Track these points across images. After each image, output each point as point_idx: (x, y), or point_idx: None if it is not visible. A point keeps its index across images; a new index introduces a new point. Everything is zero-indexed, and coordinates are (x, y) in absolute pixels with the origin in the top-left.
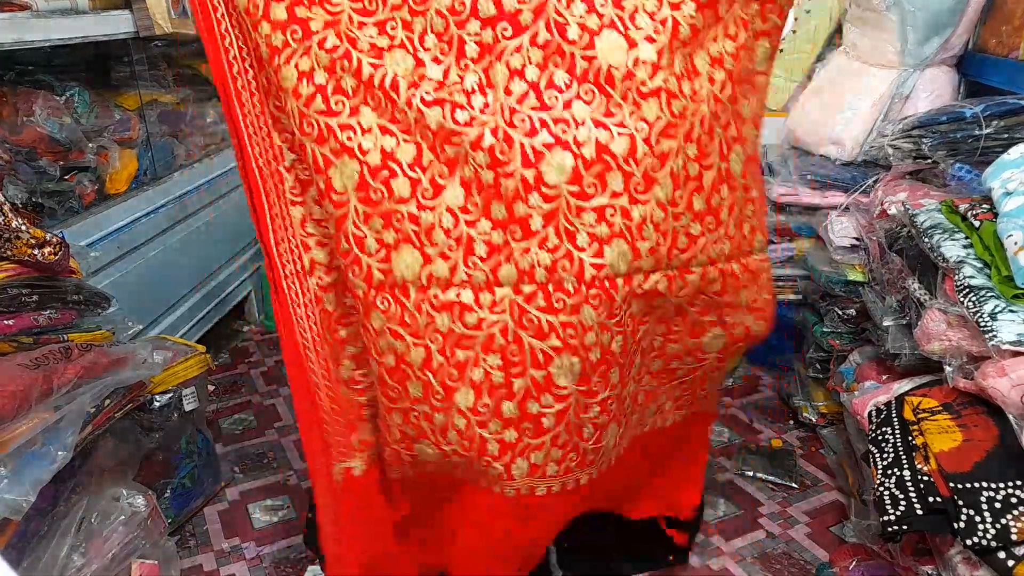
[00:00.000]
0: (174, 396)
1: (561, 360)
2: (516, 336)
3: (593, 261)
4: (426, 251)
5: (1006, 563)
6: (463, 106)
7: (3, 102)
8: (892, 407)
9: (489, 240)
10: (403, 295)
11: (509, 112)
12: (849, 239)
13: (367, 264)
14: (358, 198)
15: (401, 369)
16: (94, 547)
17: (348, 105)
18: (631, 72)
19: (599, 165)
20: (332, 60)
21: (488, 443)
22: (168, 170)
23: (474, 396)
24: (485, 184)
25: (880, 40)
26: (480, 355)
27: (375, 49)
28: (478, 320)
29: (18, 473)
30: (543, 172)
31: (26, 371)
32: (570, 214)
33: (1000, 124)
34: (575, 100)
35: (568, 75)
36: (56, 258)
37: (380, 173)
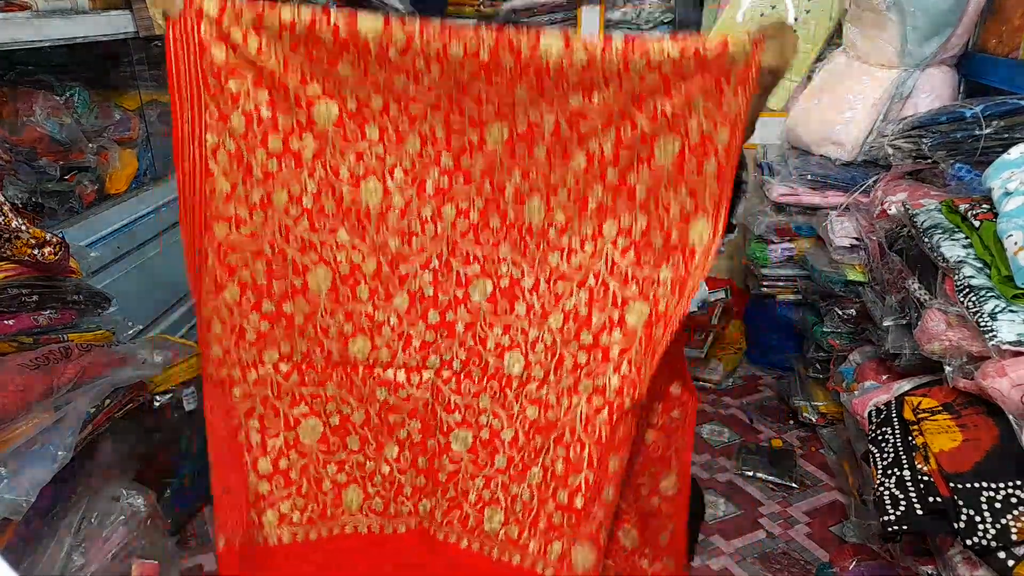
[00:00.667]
0: (174, 396)
1: (458, 432)
2: (432, 409)
3: (495, 362)
4: (375, 341)
5: (1006, 563)
6: (417, 234)
7: (3, 102)
8: (892, 407)
9: (423, 338)
10: (354, 371)
11: (452, 245)
12: (849, 239)
13: (328, 347)
14: (327, 297)
15: (345, 427)
16: (94, 547)
17: (327, 226)
18: (544, 231)
19: (511, 294)
20: (319, 187)
21: (404, 487)
22: (168, 170)
23: (398, 450)
24: (427, 297)
25: (880, 40)
26: (407, 420)
27: (354, 177)
28: (408, 395)
29: (18, 473)
30: (470, 293)
31: (26, 371)
32: (484, 325)
33: (1000, 124)
34: (502, 242)
35: (500, 221)
36: (56, 258)
37: (348, 280)
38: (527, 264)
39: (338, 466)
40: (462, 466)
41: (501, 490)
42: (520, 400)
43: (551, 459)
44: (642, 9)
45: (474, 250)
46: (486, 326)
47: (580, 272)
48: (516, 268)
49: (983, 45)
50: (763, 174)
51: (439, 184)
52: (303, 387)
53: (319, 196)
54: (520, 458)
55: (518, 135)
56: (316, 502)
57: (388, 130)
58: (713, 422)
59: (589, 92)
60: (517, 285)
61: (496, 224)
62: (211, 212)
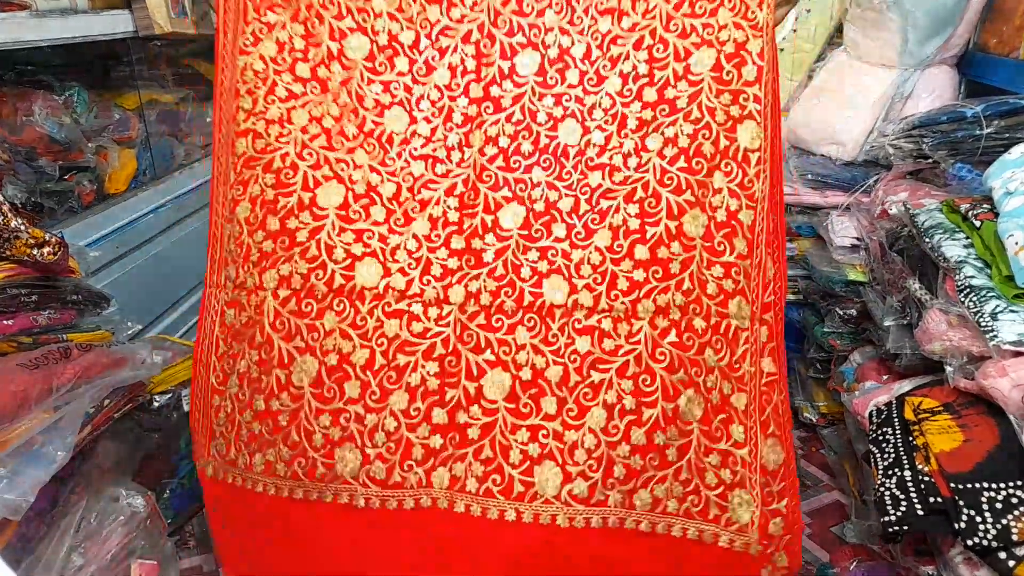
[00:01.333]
0: (174, 396)
1: (492, 374)
2: (455, 348)
3: (532, 290)
4: (388, 266)
5: (1007, 563)
6: (443, 160)
7: (3, 102)
8: (893, 407)
9: (445, 265)
10: (359, 300)
11: (480, 169)
12: (850, 239)
13: (332, 270)
14: (337, 214)
15: (343, 368)
16: (94, 547)
17: (346, 146)
18: (582, 151)
19: (546, 216)
20: (340, 112)
21: (414, 447)
22: (168, 170)
23: (408, 399)
24: (450, 221)
25: (880, 40)
26: (420, 361)
27: (379, 105)
28: (423, 329)
29: (18, 473)
30: (499, 218)
31: (26, 371)
32: (518, 251)
33: (1001, 124)
34: (535, 166)
35: (532, 147)
36: (55, 258)
37: (361, 200)
38: (564, 186)
39: (332, 417)
40: (499, 417)
41: (554, 439)
42: (567, 331)
43: (616, 394)
44: None
45: (504, 175)
46: (519, 252)
47: (626, 185)
48: (552, 190)
49: (983, 45)
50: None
51: (467, 112)
52: (300, 318)
53: (340, 119)
54: (574, 399)
55: (549, 60)
56: (304, 457)
57: (417, 62)
58: None
59: (619, 17)
60: (554, 207)
61: (528, 149)
62: (235, 129)
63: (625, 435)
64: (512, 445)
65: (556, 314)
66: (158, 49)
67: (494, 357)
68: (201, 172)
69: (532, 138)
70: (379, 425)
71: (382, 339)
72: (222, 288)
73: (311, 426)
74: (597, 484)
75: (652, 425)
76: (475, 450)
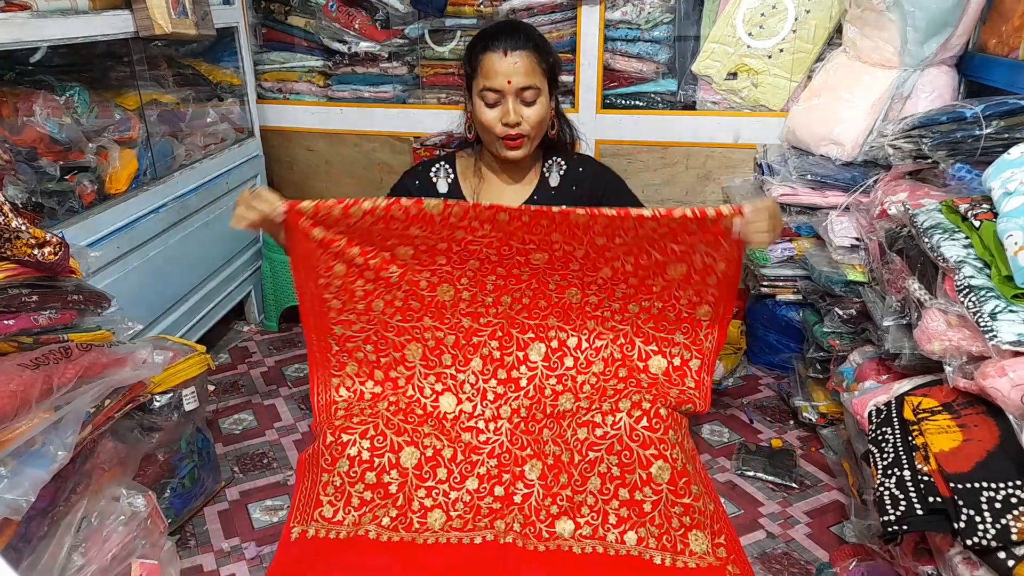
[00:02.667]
0: (174, 396)
1: (531, 463)
2: (507, 448)
3: (551, 403)
4: (459, 396)
5: (1006, 563)
6: (484, 313)
7: (3, 102)
8: (892, 407)
9: (495, 391)
10: (444, 420)
11: (510, 320)
12: (849, 239)
13: (424, 403)
14: (422, 364)
15: (437, 460)
16: (94, 547)
17: (415, 317)
18: (582, 306)
19: (560, 351)
20: (405, 296)
21: (481, 510)
22: (168, 170)
23: (478, 482)
24: (495, 359)
25: (880, 40)
26: (485, 459)
27: (430, 286)
28: (487, 438)
29: (18, 473)
30: (528, 354)
31: (26, 371)
32: (542, 378)
33: (1000, 124)
34: (550, 315)
35: (547, 303)
36: (56, 258)
37: (435, 351)
38: (571, 328)
39: (427, 491)
40: (535, 490)
41: (567, 502)
42: (572, 427)
43: (607, 466)
44: (642, 8)
45: (528, 322)
46: (543, 379)
47: (612, 332)
48: (563, 332)
49: (983, 45)
50: (763, 174)
51: (496, 284)
52: (406, 423)
53: (407, 300)
54: (579, 472)
55: (555, 258)
56: (405, 516)
57: (453, 258)
58: (713, 422)
59: (612, 237)
60: (564, 344)
61: (544, 304)
62: (331, 320)
63: (615, 494)
64: (541, 507)
65: (567, 417)
66: (159, 49)
67: (532, 452)
68: (202, 172)
69: (546, 297)
70: (460, 498)
71: (460, 442)
72: (338, 382)
73: (412, 496)
74: (598, 528)
75: (632, 487)
76: (518, 510)
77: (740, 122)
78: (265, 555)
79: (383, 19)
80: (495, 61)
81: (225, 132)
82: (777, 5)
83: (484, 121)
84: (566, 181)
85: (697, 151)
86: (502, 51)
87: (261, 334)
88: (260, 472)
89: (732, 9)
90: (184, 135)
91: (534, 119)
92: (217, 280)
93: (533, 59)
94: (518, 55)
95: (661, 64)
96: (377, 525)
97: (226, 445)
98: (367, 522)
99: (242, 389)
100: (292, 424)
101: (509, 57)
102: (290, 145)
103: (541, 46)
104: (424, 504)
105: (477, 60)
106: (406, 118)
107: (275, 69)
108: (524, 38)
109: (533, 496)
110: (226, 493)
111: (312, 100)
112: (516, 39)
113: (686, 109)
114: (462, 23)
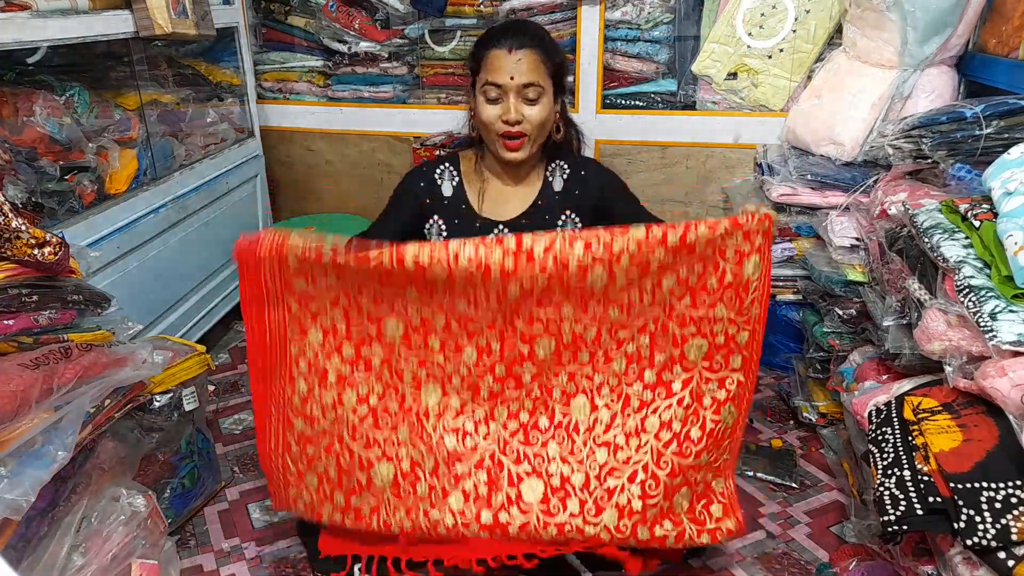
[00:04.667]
0: (174, 396)
1: (529, 481)
2: (499, 461)
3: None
4: (436, 535)
5: (1006, 563)
6: (471, 434)
7: (3, 102)
8: (892, 407)
9: (477, 537)
10: (425, 417)
11: (504, 443)
12: (849, 239)
13: (402, 392)
14: (392, 492)
15: (415, 472)
16: (94, 547)
17: (390, 424)
18: (591, 427)
19: (561, 492)
20: (384, 389)
21: (468, 540)
22: (168, 170)
23: (463, 501)
24: (480, 497)
25: (880, 40)
26: (473, 470)
27: (416, 381)
28: (475, 444)
29: (18, 473)
30: (522, 492)
31: (26, 371)
32: (537, 524)
33: (1000, 124)
34: (551, 441)
35: (548, 421)
36: (56, 258)
37: (408, 477)
38: (575, 462)
39: (405, 512)
40: (531, 517)
41: (576, 534)
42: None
43: (627, 498)
44: (642, 8)
45: (524, 449)
46: (539, 525)
47: (628, 466)
48: (565, 465)
49: (983, 45)
50: (763, 174)
51: (492, 389)
52: (367, 496)
53: (383, 396)
54: (593, 501)
55: (564, 345)
56: (382, 541)
57: (448, 343)
58: None
59: (627, 308)
60: (568, 482)
61: (544, 424)
62: (292, 408)
63: (632, 533)
64: (543, 539)
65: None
66: (159, 49)
67: (530, 468)
68: (202, 172)
69: (548, 413)
70: (441, 521)
71: (443, 449)
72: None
73: (389, 519)
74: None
75: (653, 521)
76: (514, 541)
77: (740, 122)
78: (265, 555)
79: (383, 19)
80: (499, 57)
81: (225, 132)
82: (777, 5)
83: (485, 118)
84: (570, 184)
85: (697, 151)
86: (507, 47)
87: None
88: (260, 472)
89: (732, 9)
90: (184, 135)
91: (536, 119)
92: (217, 280)
93: (538, 57)
94: (523, 52)
95: (661, 64)
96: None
97: (226, 445)
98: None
99: (242, 389)
100: None
101: (514, 54)
102: (290, 145)
103: (548, 46)
104: (403, 527)
105: (482, 56)
106: (406, 118)
107: (275, 69)
108: (531, 36)
109: (529, 528)
110: (226, 493)
111: (312, 100)
112: (523, 37)
113: (686, 109)
114: (462, 23)
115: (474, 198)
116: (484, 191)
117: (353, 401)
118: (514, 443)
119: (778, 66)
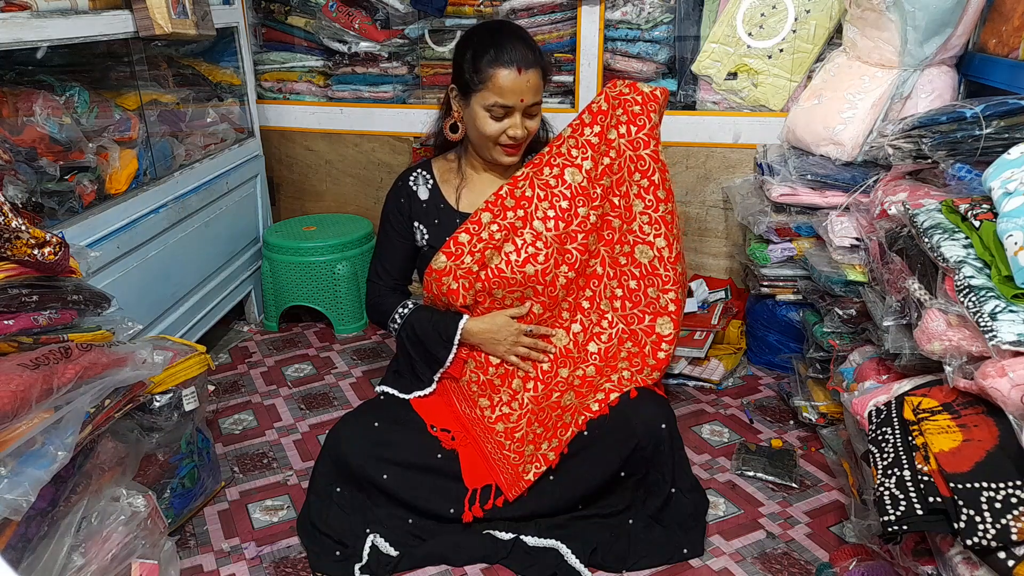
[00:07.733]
0: (174, 396)
1: (558, 332)
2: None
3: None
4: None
5: (1006, 563)
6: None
7: (3, 102)
8: (892, 407)
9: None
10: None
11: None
12: (849, 239)
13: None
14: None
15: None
16: (94, 547)
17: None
18: (594, 303)
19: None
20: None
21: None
22: (168, 170)
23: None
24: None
25: (880, 40)
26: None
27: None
28: (516, 419)
29: (18, 473)
30: (553, 339)
31: (26, 371)
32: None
33: (1000, 124)
34: (573, 322)
35: (568, 313)
36: (56, 258)
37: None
38: (587, 321)
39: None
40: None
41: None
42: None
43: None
44: (642, 8)
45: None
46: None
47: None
48: (580, 326)
49: (983, 45)
50: (763, 174)
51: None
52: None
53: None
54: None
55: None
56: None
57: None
58: (713, 422)
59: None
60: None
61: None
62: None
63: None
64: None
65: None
66: (159, 49)
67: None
68: (202, 172)
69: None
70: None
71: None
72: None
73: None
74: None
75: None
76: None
77: (740, 122)
78: (265, 555)
79: (383, 19)
80: (510, 79)
81: (225, 132)
82: (777, 5)
83: (487, 132)
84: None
85: (697, 151)
86: (516, 68)
87: (261, 334)
88: (260, 472)
89: (732, 9)
90: (184, 135)
91: (534, 128)
92: (217, 280)
93: (540, 75)
94: (531, 73)
95: (661, 64)
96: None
97: (226, 445)
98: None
99: (242, 389)
100: (292, 424)
101: (523, 75)
102: (290, 145)
103: (544, 59)
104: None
105: (487, 72)
106: (406, 118)
107: (275, 69)
108: (533, 54)
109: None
110: (226, 493)
111: (312, 100)
112: (527, 55)
113: (686, 109)
114: (462, 23)
115: (451, 196)
116: (462, 188)
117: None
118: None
119: (778, 66)
